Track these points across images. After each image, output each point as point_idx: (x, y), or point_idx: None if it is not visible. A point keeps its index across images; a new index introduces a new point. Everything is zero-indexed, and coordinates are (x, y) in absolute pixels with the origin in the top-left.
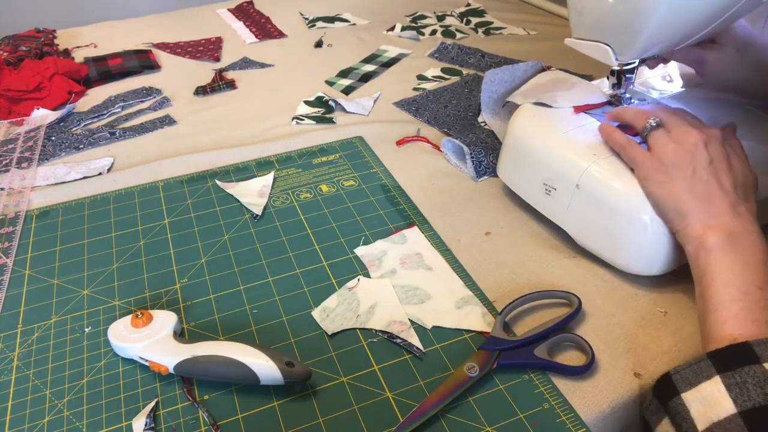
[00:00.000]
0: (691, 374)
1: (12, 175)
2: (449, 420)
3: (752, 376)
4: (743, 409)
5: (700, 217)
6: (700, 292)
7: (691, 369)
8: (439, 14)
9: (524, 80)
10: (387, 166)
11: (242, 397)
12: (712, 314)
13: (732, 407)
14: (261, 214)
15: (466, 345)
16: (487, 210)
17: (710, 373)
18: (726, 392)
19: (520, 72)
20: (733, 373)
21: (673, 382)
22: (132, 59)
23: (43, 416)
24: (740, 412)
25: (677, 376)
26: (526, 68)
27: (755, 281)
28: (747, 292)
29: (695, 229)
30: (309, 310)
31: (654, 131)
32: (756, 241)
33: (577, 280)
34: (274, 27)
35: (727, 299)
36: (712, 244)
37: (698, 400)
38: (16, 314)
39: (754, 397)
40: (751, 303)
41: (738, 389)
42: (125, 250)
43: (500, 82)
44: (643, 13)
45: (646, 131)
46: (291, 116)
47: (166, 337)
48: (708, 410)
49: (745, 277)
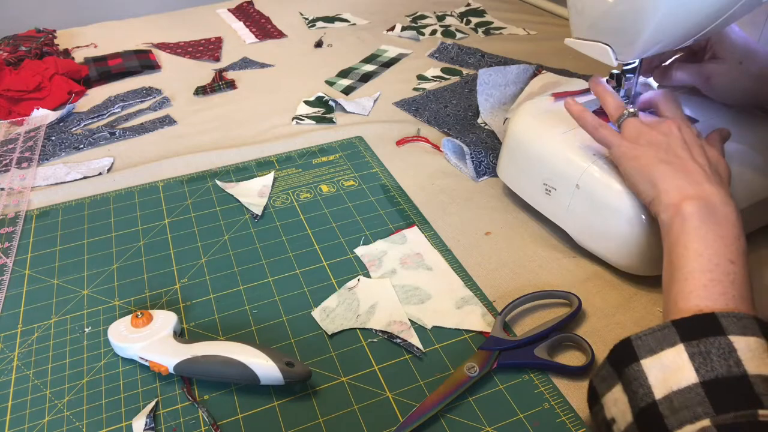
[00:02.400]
0: (653, 341)
1: (12, 175)
2: (449, 420)
3: (717, 347)
4: (705, 379)
5: (677, 184)
6: (669, 261)
7: (654, 336)
8: (439, 14)
9: (516, 83)
10: (387, 166)
11: (242, 397)
12: (680, 282)
13: (694, 376)
14: (261, 214)
15: (466, 345)
16: (487, 210)
17: (674, 341)
18: (689, 361)
19: (512, 75)
20: (698, 342)
21: (633, 348)
22: (132, 59)
23: (43, 416)
24: (702, 382)
25: (638, 342)
26: (518, 71)
27: (727, 254)
28: (718, 263)
29: (671, 196)
30: (309, 310)
31: (628, 118)
32: (731, 213)
33: (577, 280)
34: (274, 27)
35: (698, 269)
36: (689, 213)
37: (658, 367)
38: (16, 314)
39: (718, 368)
40: (721, 275)
41: (701, 359)
42: (125, 250)
43: (494, 85)
44: (643, 13)
45: (622, 118)
46: (291, 116)
47: (166, 337)
48: (668, 377)
49: (718, 249)
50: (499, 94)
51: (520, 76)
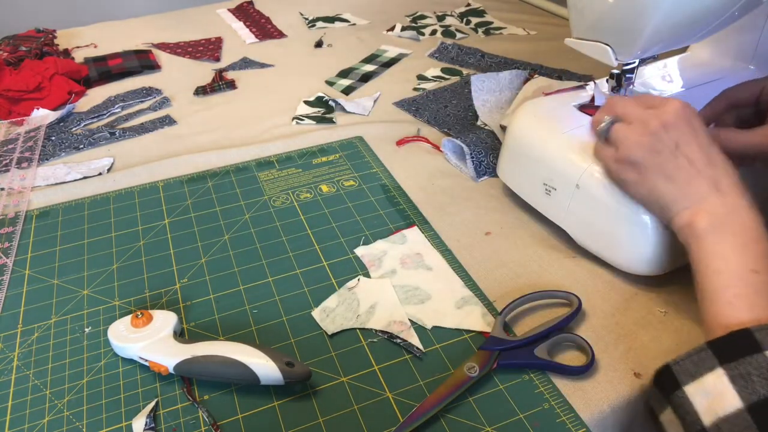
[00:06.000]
0: (692, 365)
1: (12, 175)
2: (449, 420)
3: (756, 367)
4: (749, 403)
5: (684, 205)
6: (696, 283)
7: (691, 360)
8: (439, 14)
9: (510, 88)
10: (387, 166)
11: (242, 397)
12: (707, 303)
13: (738, 401)
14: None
15: (466, 345)
16: (487, 210)
17: (713, 365)
18: (730, 385)
19: (506, 81)
20: (737, 364)
21: (674, 374)
22: (132, 59)
23: (43, 416)
24: (747, 407)
25: (677, 368)
26: (511, 77)
27: (748, 264)
28: (740, 277)
29: (682, 218)
30: (309, 310)
31: (612, 128)
32: (746, 217)
33: (577, 280)
34: (274, 27)
35: (720, 287)
36: (701, 230)
37: (701, 393)
38: (16, 314)
39: (759, 389)
40: (745, 288)
41: (743, 381)
42: (125, 250)
43: (489, 90)
44: (643, 13)
45: (603, 134)
46: (291, 116)
47: (166, 337)
48: (713, 404)
49: (736, 262)
50: (495, 100)
51: (514, 81)
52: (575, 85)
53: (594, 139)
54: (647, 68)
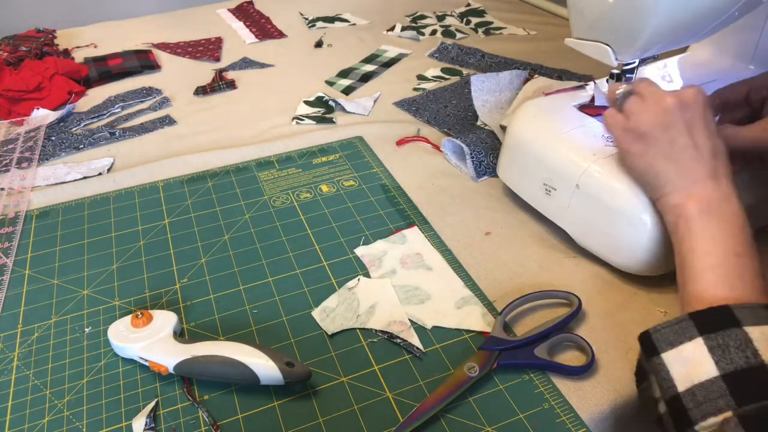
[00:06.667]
0: (672, 334)
1: (12, 175)
2: (449, 420)
3: (734, 339)
4: (725, 372)
5: (679, 185)
6: (679, 261)
7: (672, 328)
8: (439, 14)
9: (510, 88)
10: (387, 166)
11: (242, 397)
12: (691, 282)
13: (714, 369)
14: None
15: (466, 345)
16: (487, 210)
17: (692, 334)
18: (708, 354)
19: (505, 81)
20: (716, 335)
21: (653, 341)
22: (132, 59)
23: (43, 416)
24: (722, 375)
25: (657, 335)
26: (510, 77)
27: (733, 248)
28: (725, 259)
29: (674, 197)
30: (309, 310)
31: (627, 99)
32: (734, 206)
33: (577, 280)
34: (274, 27)
35: (706, 267)
36: (692, 214)
37: (679, 361)
38: (16, 314)
39: (736, 360)
40: (728, 270)
41: (721, 352)
42: (125, 250)
43: (489, 91)
44: (643, 13)
45: (619, 100)
46: (291, 116)
47: (166, 337)
48: (690, 372)
49: (724, 245)
50: (495, 100)
51: (513, 81)
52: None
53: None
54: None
